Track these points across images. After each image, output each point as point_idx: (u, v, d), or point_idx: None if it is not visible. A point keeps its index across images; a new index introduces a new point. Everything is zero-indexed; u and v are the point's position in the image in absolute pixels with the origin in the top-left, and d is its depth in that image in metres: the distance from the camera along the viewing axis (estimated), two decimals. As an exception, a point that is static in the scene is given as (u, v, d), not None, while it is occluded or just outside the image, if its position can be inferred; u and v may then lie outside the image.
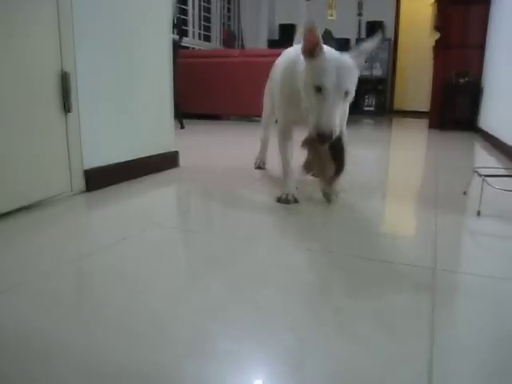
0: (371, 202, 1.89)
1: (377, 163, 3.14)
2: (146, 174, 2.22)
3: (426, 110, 5.77)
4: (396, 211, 1.83)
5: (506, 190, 1.78)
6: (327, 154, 1.60)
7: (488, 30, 5.11)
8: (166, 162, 2.41)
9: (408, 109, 8.73)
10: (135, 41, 2.12)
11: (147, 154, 2.26)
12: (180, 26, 4.93)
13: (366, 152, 3.54)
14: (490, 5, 5.08)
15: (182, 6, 6.77)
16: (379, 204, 1.93)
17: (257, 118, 4.81)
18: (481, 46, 5.24)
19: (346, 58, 1.53)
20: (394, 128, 6.05)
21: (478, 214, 1.68)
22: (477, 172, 1.86)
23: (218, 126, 5.27)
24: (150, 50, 2.25)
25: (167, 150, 2.42)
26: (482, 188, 1.72)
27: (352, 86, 1.52)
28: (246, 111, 5.39)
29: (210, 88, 5.55)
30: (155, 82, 2.31)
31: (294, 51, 1.78)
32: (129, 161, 2.13)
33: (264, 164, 2.53)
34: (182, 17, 6.78)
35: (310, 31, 1.52)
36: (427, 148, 4.07)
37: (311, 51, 1.52)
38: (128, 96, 2.11)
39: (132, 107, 2.14)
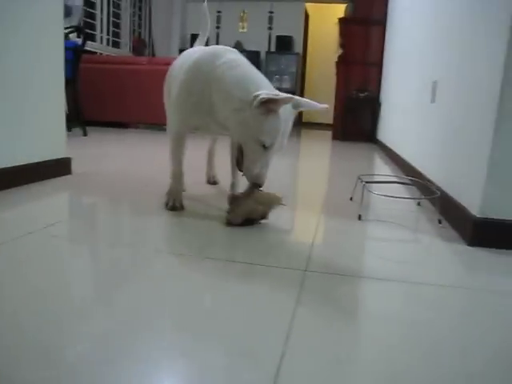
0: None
1: (277, 173, 3.22)
2: (33, 181, 2.10)
3: (330, 122, 6.03)
4: (283, 217, 1.88)
5: (383, 195, 1.89)
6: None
7: (385, 49, 5.46)
8: (57, 168, 2.30)
9: (316, 121, 9.07)
10: (20, 42, 2.01)
11: (34, 161, 2.14)
12: (83, 30, 4.75)
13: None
14: (385, 26, 5.44)
15: (89, 10, 6.56)
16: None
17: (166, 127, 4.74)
18: (379, 64, 5.59)
19: (290, 112, 1.50)
20: (301, 139, 6.25)
21: (359, 218, 1.77)
22: (360, 179, 1.96)
23: (125, 134, 5.14)
24: (37, 54, 2.14)
25: (57, 157, 2.31)
26: (362, 194, 1.82)
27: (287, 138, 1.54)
28: (155, 119, 5.30)
29: (118, 95, 5.41)
30: (44, 87, 2.20)
31: (205, 54, 1.65)
32: (11, 167, 2.00)
33: (181, 205, 1.78)
34: (89, 21, 6.56)
35: (284, 100, 1.41)
36: (329, 157, 4.24)
37: (269, 110, 1.42)
38: (12, 102, 1.99)
39: (15, 112, 2.02)
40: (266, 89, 1.48)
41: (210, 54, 1.64)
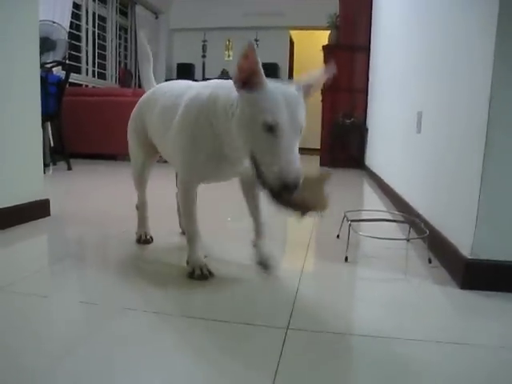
0: (239, 249, 1.83)
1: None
2: (7, 226, 2.01)
3: (318, 147, 6.00)
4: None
5: (369, 236, 1.83)
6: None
7: (370, 75, 5.48)
8: (33, 211, 2.21)
9: (302, 146, 9.03)
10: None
11: (8, 205, 2.05)
12: (66, 64, 4.71)
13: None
14: (369, 52, 5.47)
15: (75, 42, 6.55)
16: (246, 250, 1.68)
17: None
18: (364, 90, 5.59)
19: (293, 90, 1.22)
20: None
21: (346, 259, 1.70)
22: (346, 216, 1.90)
23: (111, 166, 5.07)
24: (9, 92, 2.08)
25: (34, 199, 2.23)
26: (349, 234, 1.75)
27: (304, 122, 1.20)
28: (141, 151, 5.24)
29: (104, 127, 5.35)
30: (18, 126, 2.13)
31: (192, 95, 1.46)
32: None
33: (151, 237, 1.88)
34: (74, 53, 6.54)
35: (247, 54, 1.13)
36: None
37: (249, 81, 1.16)
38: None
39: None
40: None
41: (196, 91, 1.47)
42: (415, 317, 1.26)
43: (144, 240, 1.85)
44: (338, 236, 2.00)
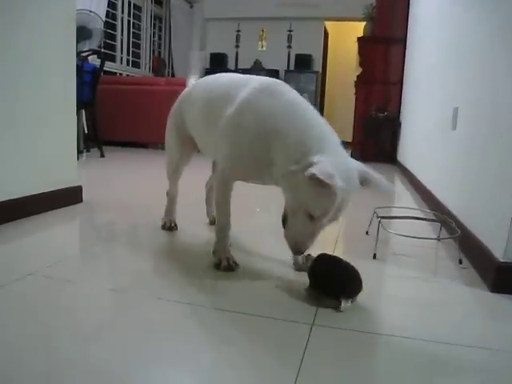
0: (266, 241, 1.83)
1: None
2: (42, 211, 2.07)
3: (349, 139, 5.93)
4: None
5: (398, 235, 1.80)
6: None
7: (405, 68, 5.36)
8: (67, 198, 2.26)
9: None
10: (32, 68, 1.99)
11: (43, 191, 2.11)
12: (101, 53, 4.78)
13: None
14: (406, 45, 5.35)
15: (110, 31, 6.64)
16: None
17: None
18: (399, 83, 5.48)
19: (354, 186, 1.22)
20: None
21: (374, 257, 1.68)
22: (376, 213, 1.87)
23: (143, 155, 5.14)
24: (48, 80, 2.12)
25: (67, 186, 2.28)
26: (378, 231, 1.73)
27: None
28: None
29: (137, 116, 5.42)
30: (54, 114, 2.18)
31: (258, 93, 1.39)
32: (20, 198, 1.97)
33: (175, 224, 1.91)
34: (110, 42, 6.64)
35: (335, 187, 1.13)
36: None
37: (322, 184, 1.13)
38: (23, 133, 1.96)
39: (25, 140, 1.99)
40: (328, 150, 1.23)
41: (266, 94, 1.39)
42: (442, 318, 1.24)
43: (168, 227, 1.89)
44: (367, 232, 1.98)
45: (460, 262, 1.65)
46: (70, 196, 2.29)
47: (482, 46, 1.92)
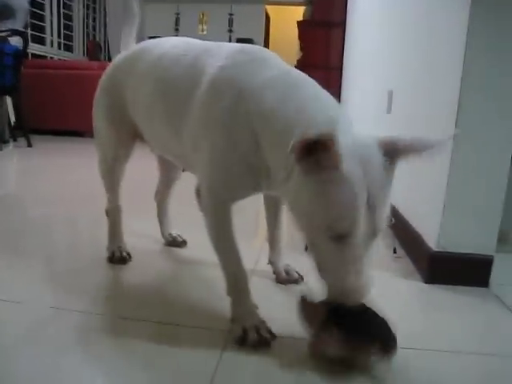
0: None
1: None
2: None
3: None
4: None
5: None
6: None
7: (344, 53, 5.33)
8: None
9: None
10: None
11: None
12: (22, 33, 4.37)
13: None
14: (345, 29, 5.31)
15: (37, 11, 6.19)
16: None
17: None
18: (339, 68, 5.45)
19: (379, 164, 0.79)
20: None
21: (306, 249, 1.58)
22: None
23: (77, 144, 4.84)
24: None
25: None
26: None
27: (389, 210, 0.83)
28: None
29: (68, 102, 5.10)
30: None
31: (237, 62, 1.00)
32: None
33: (128, 254, 1.43)
34: (38, 23, 6.20)
35: (331, 144, 0.74)
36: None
37: (320, 167, 0.76)
38: None
39: None
40: (343, 132, 0.79)
41: (246, 62, 0.99)
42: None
43: (119, 258, 1.40)
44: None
45: (394, 251, 1.59)
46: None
47: (415, 29, 1.86)
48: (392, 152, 0.81)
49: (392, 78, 2.25)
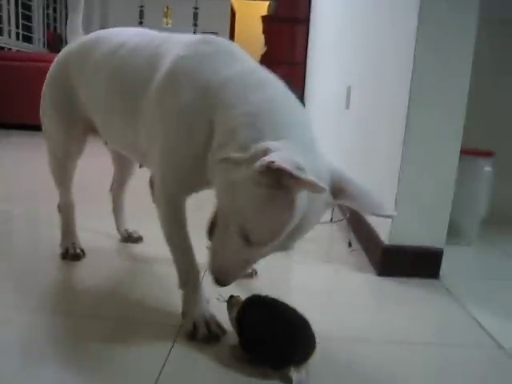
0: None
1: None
2: None
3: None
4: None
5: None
6: None
7: (308, 48, 5.37)
8: None
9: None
10: None
11: None
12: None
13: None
14: (309, 25, 5.35)
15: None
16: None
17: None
18: (303, 63, 5.48)
19: (324, 202, 0.81)
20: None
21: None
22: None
23: (37, 138, 4.69)
24: None
25: None
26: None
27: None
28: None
29: (32, 95, 4.95)
30: None
31: (199, 52, 0.97)
32: None
33: (82, 250, 1.39)
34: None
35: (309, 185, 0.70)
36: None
37: (279, 184, 0.73)
38: None
39: None
40: (296, 138, 0.81)
41: (210, 54, 0.96)
42: (327, 308, 1.18)
43: (73, 255, 1.36)
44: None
45: (349, 244, 1.61)
46: None
47: (373, 25, 1.88)
48: (337, 191, 0.82)
49: (351, 74, 2.28)
